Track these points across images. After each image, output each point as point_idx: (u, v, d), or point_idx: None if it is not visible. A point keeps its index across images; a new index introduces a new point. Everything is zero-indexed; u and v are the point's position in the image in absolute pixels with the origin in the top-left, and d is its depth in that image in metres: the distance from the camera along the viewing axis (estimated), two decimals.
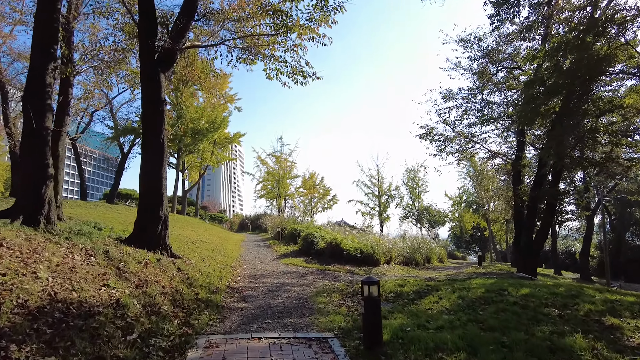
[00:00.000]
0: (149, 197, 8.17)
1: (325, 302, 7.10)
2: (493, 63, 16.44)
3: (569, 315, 5.89)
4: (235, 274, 10.06)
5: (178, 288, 6.54)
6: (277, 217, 25.83)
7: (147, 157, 8.29)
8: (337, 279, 9.90)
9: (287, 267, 11.73)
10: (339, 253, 13.41)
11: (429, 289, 8.56)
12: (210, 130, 24.91)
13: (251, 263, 12.62)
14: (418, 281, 9.76)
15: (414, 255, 16.16)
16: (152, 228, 8.05)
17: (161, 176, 8.24)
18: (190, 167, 29.83)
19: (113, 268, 5.90)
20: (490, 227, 41.03)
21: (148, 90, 8.28)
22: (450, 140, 17.21)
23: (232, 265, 11.26)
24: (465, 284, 9.18)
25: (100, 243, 6.92)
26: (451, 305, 6.89)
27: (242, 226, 38.62)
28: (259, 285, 8.69)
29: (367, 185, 39.16)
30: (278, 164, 35.12)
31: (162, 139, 8.24)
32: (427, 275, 12.71)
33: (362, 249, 13.29)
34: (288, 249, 16.03)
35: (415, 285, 8.91)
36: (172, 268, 7.43)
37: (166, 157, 8.47)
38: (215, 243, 16.15)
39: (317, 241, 14.42)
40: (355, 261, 13.01)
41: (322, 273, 10.83)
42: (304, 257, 13.95)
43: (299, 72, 10.02)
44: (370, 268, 12.63)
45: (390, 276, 11.36)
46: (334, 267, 12.09)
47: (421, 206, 46.04)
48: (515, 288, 7.99)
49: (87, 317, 4.03)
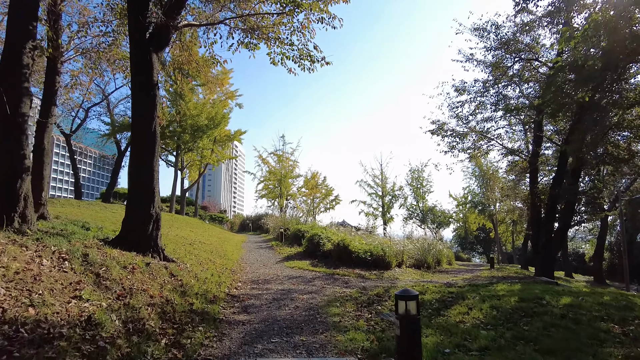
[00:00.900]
0: (139, 193, 7.24)
1: (340, 313, 6.16)
2: (509, 54, 15.50)
3: (633, 332, 4.95)
4: (236, 278, 9.13)
5: (169, 298, 5.60)
6: (279, 217, 24.91)
7: (137, 148, 7.36)
8: (348, 285, 8.96)
9: (292, 271, 10.79)
10: (347, 256, 12.47)
11: (453, 296, 7.62)
12: (210, 127, 23.97)
13: (253, 266, 11.69)
14: (438, 287, 8.82)
15: (425, 258, 15.20)
16: (142, 228, 7.12)
17: (153, 170, 7.31)
18: (190, 166, 28.90)
19: (91, 275, 4.97)
20: (496, 228, 40.07)
21: (138, 72, 7.35)
22: (463, 136, 16.26)
23: (232, 269, 10.32)
24: (490, 291, 8.25)
25: (80, 245, 5.99)
26: (485, 317, 5.96)
27: (242, 227, 37.71)
28: (262, 292, 7.75)
29: (371, 185, 38.25)
30: (280, 163, 34.20)
31: (153, 128, 7.31)
32: (442, 279, 11.77)
33: (373, 252, 12.36)
34: (292, 251, 15.09)
35: (436, 293, 7.97)
36: (163, 274, 6.50)
37: (158, 149, 7.54)
38: (214, 244, 15.22)
39: (324, 243, 13.49)
40: (365, 264, 12.08)
41: (331, 278, 9.88)
42: (310, 259, 13.01)
43: (307, 56, 9.09)
44: (381, 272, 11.69)
45: (404, 281, 10.42)
46: (342, 270, 11.15)
47: (425, 207, 45.16)
48: (553, 296, 7.05)
49: (43, 342, 3.09)
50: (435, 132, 16.83)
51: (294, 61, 9.30)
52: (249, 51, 9.74)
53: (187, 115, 23.39)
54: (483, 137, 16.31)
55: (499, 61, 15.81)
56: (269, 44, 9.35)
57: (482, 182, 42.24)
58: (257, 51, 9.75)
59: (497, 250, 44.30)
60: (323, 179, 40.10)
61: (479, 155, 17.41)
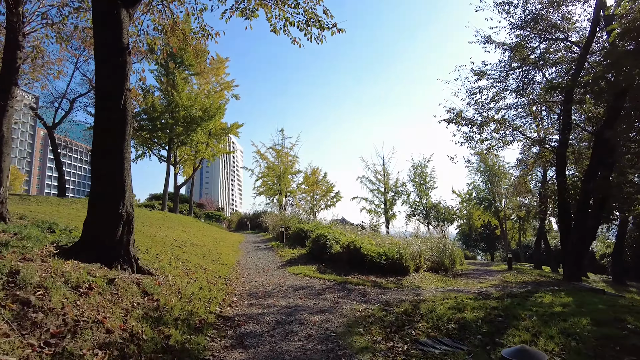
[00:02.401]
0: (105, 187, 5.65)
1: (368, 346, 4.61)
2: (536, 33, 13.94)
3: None
4: (231, 291, 7.56)
5: (136, 330, 4.04)
6: (278, 215, 23.34)
7: (101, 130, 5.76)
8: (366, 299, 7.41)
9: (296, 279, 9.23)
10: (358, 259, 10.94)
11: (501, 314, 6.11)
12: (204, 119, 22.30)
13: (251, 273, 10.13)
14: (474, 300, 7.30)
15: (442, 260, 13.70)
16: (109, 232, 5.54)
17: (122, 157, 5.72)
18: (184, 161, 27.23)
19: (13, 306, 3.40)
20: (505, 225, 38.75)
21: (103, 31, 5.73)
22: (482, 125, 14.71)
23: (226, 278, 8.75)
24: (542, 306, 6.75)
25: (14, 257, 4.42)
26: (565, 351, 4.42)
27: (240, 225, 36.20)
28: (263, 311, 6.18)
29: (372, 182, 36.88)
30: (279, 158, 32.64)
31: (123, 104, 5.71)
32: (469, 286, 10.25)
33: (388, 254, 10.83)
34: (294, 253, 13.54)
35: (477, 309, 6.45)
36: (133, 293, 4.93)
37: (130, 131, 5.94)
38: (208, 246, 13.67)
39: (331, 244, 11.94)
40: (379, 269, 10.55)
41: (344, 288, 8.33)
42: (315, 264, 11.46)
43: (315, 21, 7.49)
44: (398, 278, 10.15)
45: (429, 290, 8.88)
46: (355, 278, 9.61)
47: (429, 203, 43.87)
48: (636, 317, 5.53)
49: None
50: (452, 120, 15.27)
51: (299, 28, 7.71)
52: (245, 20, 8.13)
53: (180, 106, 21.72)
54: (505, 126, 14.75)
55: (522, 42, 14.26)
56: (268, 9, 7.75)
57: (488, 178, 40.98)
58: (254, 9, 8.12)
59: (504, 248, 43.00)
60: (324, 175, 38.66)
61: (498, 147, 15.83)
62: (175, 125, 22.34)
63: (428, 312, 6.37)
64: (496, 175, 39.21)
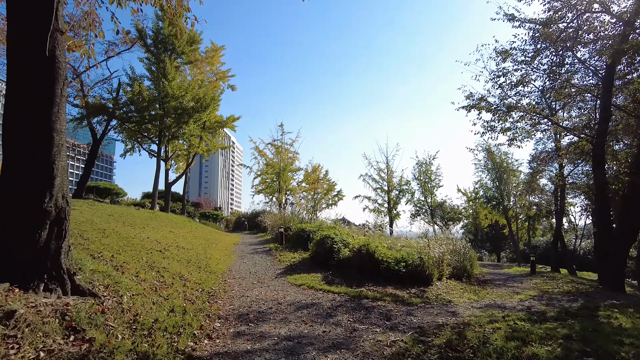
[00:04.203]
0: (19, 170, 3.90)
1: None
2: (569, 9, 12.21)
3: None
4: (214, 311, 5.80)
5: None
6: (278, 214, 21.59)
7: (16, 87, 3.99)
8: (391, 322, 5.65)
9: (299, 293, 7.47)
10: (372, 266, 9.19)
11: (585, 349, 4.38)
12: (197, 110, 20.50)
13: (243, 283, 8.36)
14: (532, 324, 5.57)
15: (465, 265, 11.99)
16: (26, 236, 3.79)
17: (49, 127, 3.96)
18: (176, 156, 25.44)
19: None
20: (517, 224, 37.15)
21: None
22: (509, 110, 12.96)
23: (211, 291, 7.00)
24: (629, 334, 5.02)
25: None
26: None
27: (238, 225, 34.50)
28: (254, 346, 4.43)
29: (375, 180, 35.30)
30: (278, 155, 30.91)
31: (50, 49, 3.95)
32: (507, 299, 8.47)
33: (407, 260, 9.08)
34: (295, 258, 11.79)
35: (546, 339, 4.74)
36: (49, 331, 3.19)
37: (63, 90, 4.17)
38: (197, 249, 11.93)
39: (338, 248, 10.19)
40: (397, 278, 8.80)
41: (359, 306, 6.57)
42: (320, 271, 9.70)
43: None
44: (421, 289, 8.41)
45: (464, 306, 7.13)
46: (370, 290, 7.86)
47: (434, 202, 42.33)
48: None
49: None
50: (473, 107, 13.53)
51: None
52: None
53: (170, 96, 19.93)
54: (534, 113, 13.00)
55: (553, 17, 12.52)
56: None
57: (496, 176, 39.56)
58: None
59: (513, 248, 41.35)
60: (325, 173, 37.04)
61: (523, 138, 14.09)
62: (165, 117, 20.56)
63: (480, 344, 4.63)
64: (505, 172, 37.81)
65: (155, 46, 21.62)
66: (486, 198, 41.14)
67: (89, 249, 7.05)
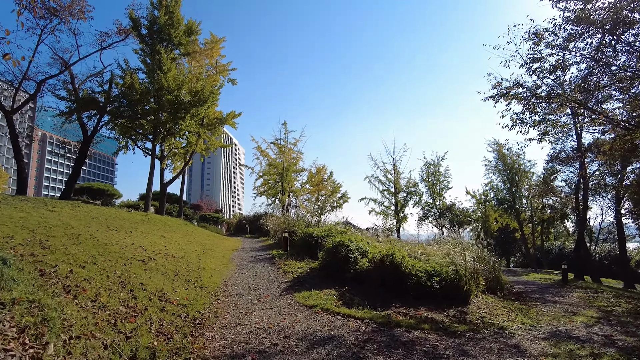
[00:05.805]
0: None
1: None
2: None
3: None
4: (197, 351, 4.19)
5: None
6: (281, 217, 20.00)
7: None
8: None
9: (311, 319, 5.84)
10: (397, 279, 7.56)
11: None
12: (194, 104, 18.97)
13: (240, 303, 6.75)
14: None
15: (498, 276, 10.38)
16: None
17: None
18: (173, 154, 23.87)
19: None
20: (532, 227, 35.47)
21: None
22: (549, 99, 11.35)
23: (196, 317, 5.39)
24: None
25: None
26: None
27: (239, 228, 32.96)
28: None
29: (382, 181, 33.70)
30: (281, 155, 29.35)
31: None
32: (567, 323, 6.82)
33: (440, 273, 7.46)
34: (302, 267, 10.18)
35: None
36: None
37: None
38: (189, 258, 10.35)
39: (355, 257, 8.57)
40: (428, 295, 7.18)
41: (393, 340, 4.95)
42: (334, 285, 8.08)
43: None
44: (460, 310, 6.79)
45: (523, 336, 5.48)
46: (400, 312, 6.24)
47: (443, 205, 40.66)
48: None
49: None
50: (503, 96, 11.93)
51: None
52: None
53: (165, 88, 18.40)
54: (577, 104, 11.37)
55: None
56: None
57: (507, 177, 38.00)
58: None
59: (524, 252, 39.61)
60: (329, 174, 35.48)
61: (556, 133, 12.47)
62: (160, 112, 19.02)
63: None
64: (517, 173, 36.29)
65: (150, 37, 20.15)
66: (497, 200, 39.55)
67: (42, 261, 5.46)
